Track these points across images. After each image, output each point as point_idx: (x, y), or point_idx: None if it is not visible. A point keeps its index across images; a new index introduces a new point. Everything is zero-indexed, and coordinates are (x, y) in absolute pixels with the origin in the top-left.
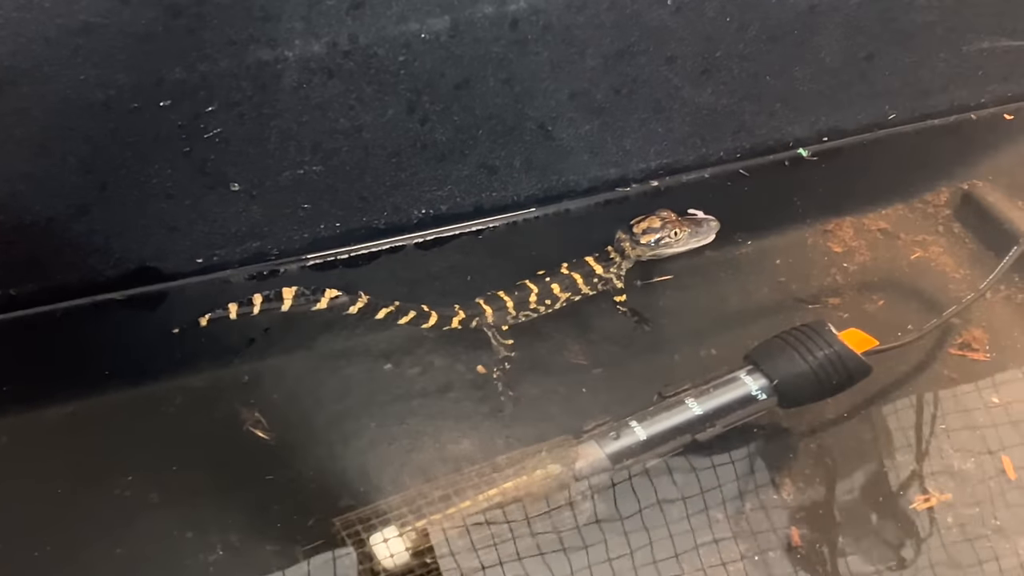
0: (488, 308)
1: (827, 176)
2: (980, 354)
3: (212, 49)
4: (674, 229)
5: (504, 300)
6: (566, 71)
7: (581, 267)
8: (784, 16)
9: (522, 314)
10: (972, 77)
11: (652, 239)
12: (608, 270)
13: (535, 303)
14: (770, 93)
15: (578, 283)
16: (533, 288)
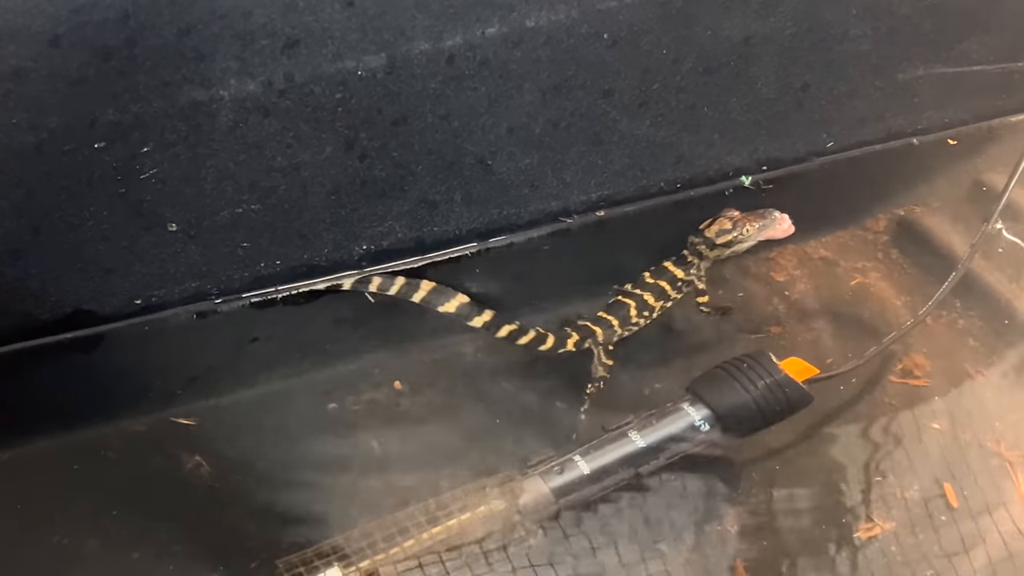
0: (597, 329)
1: (767, 205)
2: (921, 380)
3: (145, 90)
4: (745, 226)
5: (609, 320)
6: (504, 106)
7: (664, 274)
8: (719, 48)
9: (626, 329)
10: (908, 104)
11: (727, 239)
12: (689, 273)
13: (635, 316)
14: (708, 124)
15: (667, 291)
16: (630, 303)
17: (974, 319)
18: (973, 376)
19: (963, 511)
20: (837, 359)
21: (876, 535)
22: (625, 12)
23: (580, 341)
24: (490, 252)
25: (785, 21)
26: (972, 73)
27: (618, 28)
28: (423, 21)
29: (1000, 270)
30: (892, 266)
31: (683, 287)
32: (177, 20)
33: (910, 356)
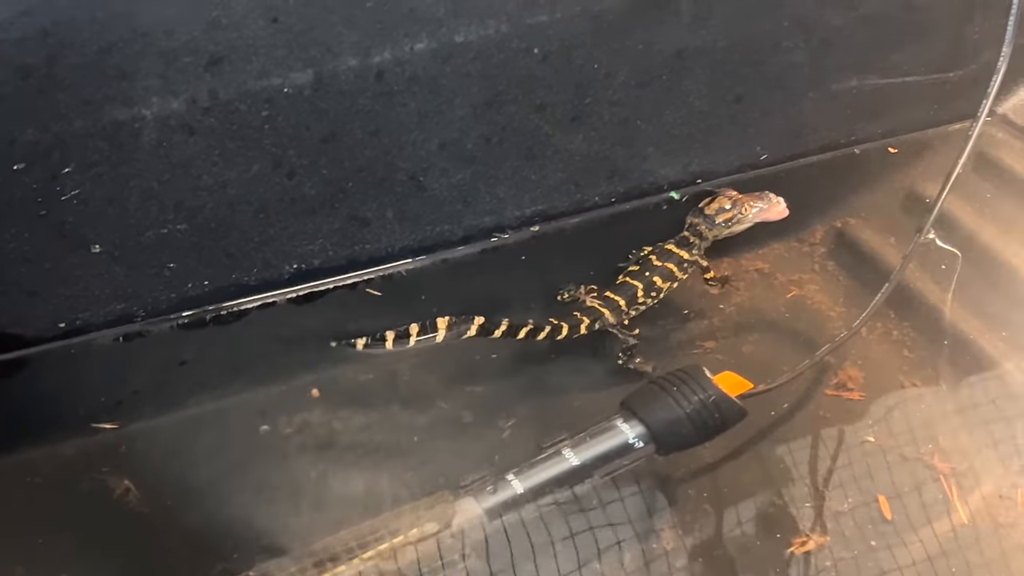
0: (605, 310)
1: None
2: (855, 393)
3: (66, 109)
4: (743, 206)
5: (617, 300)
6: (435, 121)
7: (670, 256)
8: (652, 62)
9: (633, 308)
10: (841, 115)
11: (727, 218)
12: (692, 253)
13: (643, 296)
14: (642, 137)
15: (674, 272)
16: (638, 284)
17: (908, 330)
18: (907, 387)
19: (898, 523)
20: (772, 372)
21: (811, 550)
22: (556, 26)
23: (592, 323)
24: (424, 269)
25: (717, 34)
26: (906, 84)
27: (549, 43)
28: (350, 37)
29: (934, 280)
30: (828, 278)
31: (688, 267)
32: (98, 38)
33: (845, 368)
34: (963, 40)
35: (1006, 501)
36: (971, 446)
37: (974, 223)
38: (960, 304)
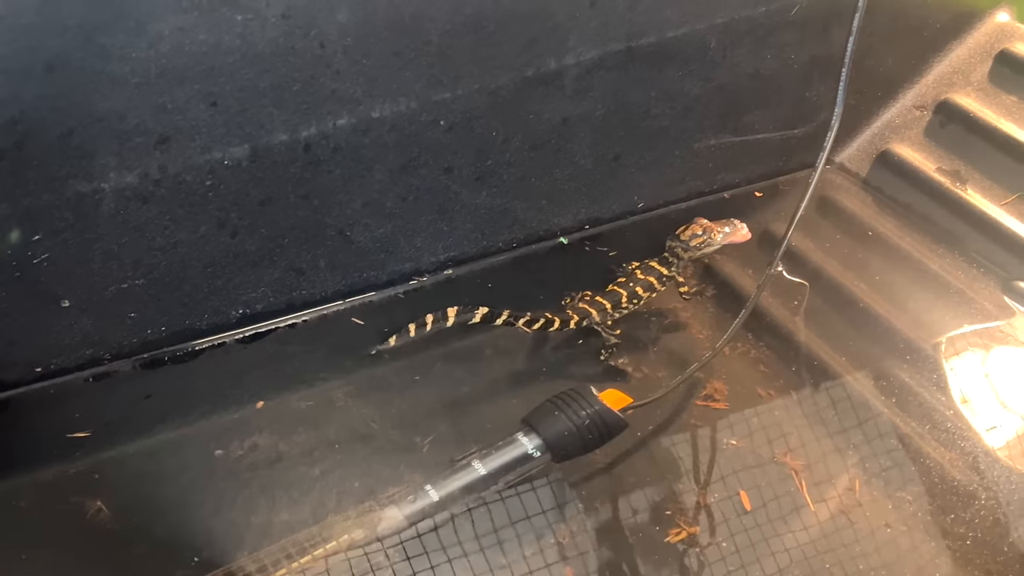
0: (593, 310)
1: (590, 257)
2: (720, 403)
3: (34, 185)
4: (712, 232)
5: (603, 303)
6: (357, 184)
7: (651, 271)
8: (542, 128)
9: (617, 311)
10: (704, 168)
11: (699, 242)
12: (671, 270)
13: (626, 303)
14: (536, 192)
15: (654, 284)
16: (623, 292)
17: (764, 349)
18: (763, 398)
19: (756, 513)
20: (652, 387)
21: (683, 538)
22: (458, 102)
23: (580, 320)
24: (354, 309)
25: (596, 104)
26: (757, 140)
27: (453, 115)
28: (280, 116)
29: (784, 306)
30: (698, 306)
31: (666, 281)
32: (60, 123)
33: (712, 382)
34: (803, 102)
35: (847, 492)
36: (817, 446)
37: (818, 257)
38: (808, 327)
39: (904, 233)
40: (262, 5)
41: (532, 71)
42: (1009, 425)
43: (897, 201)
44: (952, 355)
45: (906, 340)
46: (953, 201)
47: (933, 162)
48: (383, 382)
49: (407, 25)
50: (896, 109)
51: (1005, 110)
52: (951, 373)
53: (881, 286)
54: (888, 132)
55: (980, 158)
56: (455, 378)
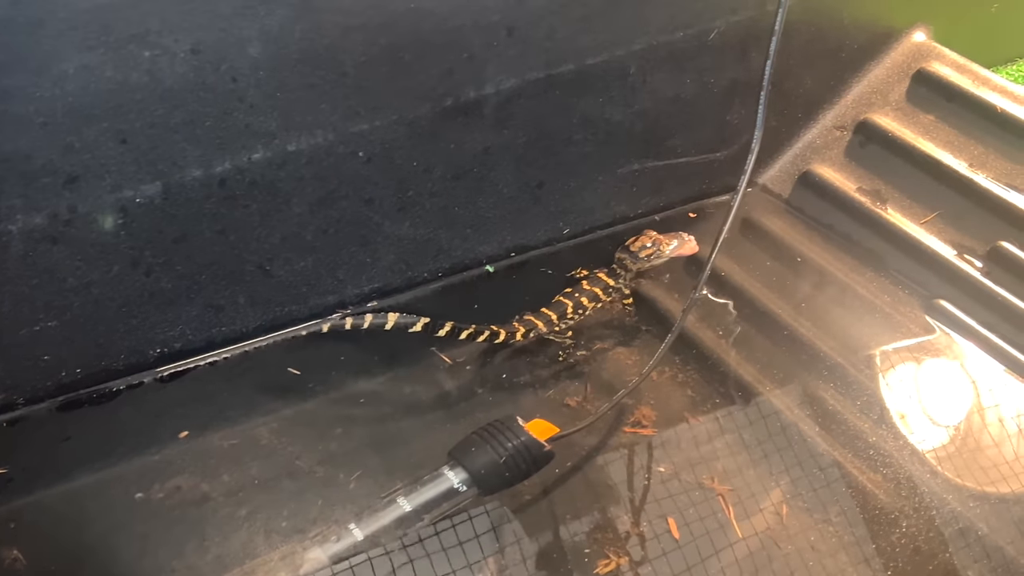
0: (539, 322)
1: (517, 285)
2: (649, 429)
3: None
4: (661, 244)
5: (549, 315)
6: (275, 218)
7: (598, 282)
8: (463, 158)
9: (563, 322)
10: (629, 193)
11: (648, 254)
12: (618, 282)
13: (571, 313)
14: (460, 221)
15: (599, 295)
16: (568, 303)
17: (691, 372)
18: (690, 422)
19: (684, 542)
20: (579, 416)
21: (612, 569)
22: (377, 133)
23: (527, 332)
24: (277, 344)
25: (518, 132)
26: (680, 164)
27: (372, 146)
28: (193, 152)
29: (711, 329)
30: (627, 331)
31: (612, 292)
32: None
33: (640, 408)
34: (725, 125)
35: (774, 517)
36: (744, 471)
37: (744, 280)
38: (734, 350)
39: (827, 254)
40: (170, 41)
41: (451, 101)
42: (935, 445)
43: (819, 222)
44: (876, 376)
45: (831, 362)
46: (874, 221)
47: (854, 182)
48: (310, 417)
49: (321, 57)
50: (816, 130)
51: (923, 129)
52: (876, 394)
53: (806, 308)
54: (809, 153)
55: (900, 177)
56: (384, 410)
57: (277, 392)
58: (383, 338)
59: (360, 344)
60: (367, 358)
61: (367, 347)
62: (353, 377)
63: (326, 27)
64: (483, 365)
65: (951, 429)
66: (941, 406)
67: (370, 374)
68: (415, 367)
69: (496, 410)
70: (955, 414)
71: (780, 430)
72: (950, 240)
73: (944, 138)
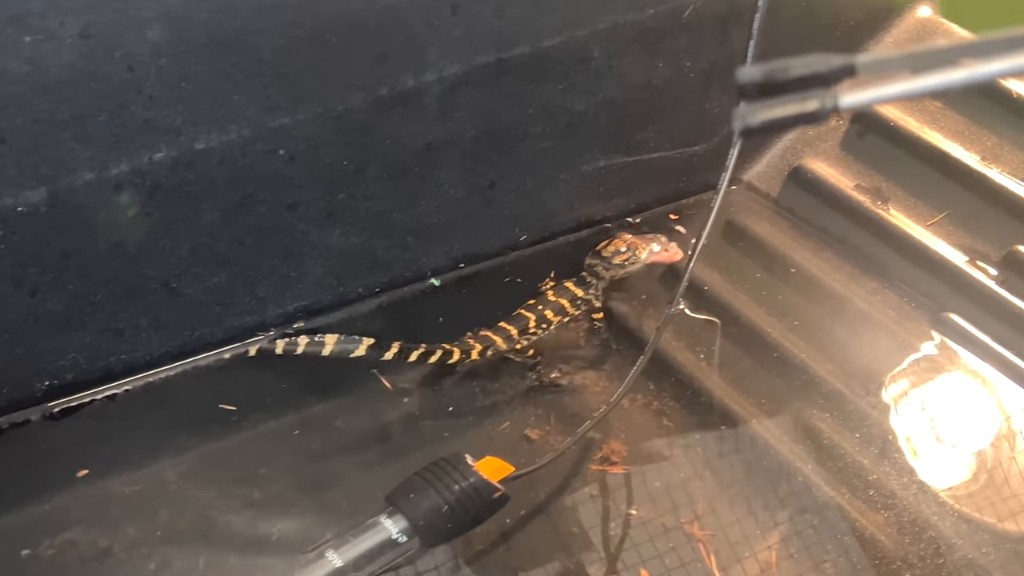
0: (497, 338)
1: (467, 300)
2: (619, 467)
3: None
4: (636, 249)
5: (509, 330)
6: (183, 228)
7: (565, 293)
8: (402, 155)
9: (524, 338)
10: (595, 193)
11: (622, 259)
12: (588, 292)
13: (534, 328)
14: (400, 228)
15: (566, 307)
16: (530, 316)
17: (667, 399)
18: (667, 457)
19: None
20: (538, 452)
21: None
22: (300, 128)
23: (484, 350)
24: (187, 373)
25: (464, 125)
26: (653, 160)
27: (294, 143)
28: (84, 152)
29: (690, 349)
30: (596, 352)
31: (581, 304)
32: None
33: (609, 443)
34: (703, 115)
35: (761, 565)
36: (727, 512)
37: (728, 292)
38: (716, 373)
39: (821, 261)
40: (56, 24)
41: (386, 90)
42: (945, 481)
43: (812, 224)
44: (878, 403)
45: (827, 387)
46: (874, 223)
47: (851, 179)
48: (227, 457)
49: (233, 41)
50: None
51: (929, 117)
52: (878, 424)
53: (799, 324)
54: (800, 146)
55: (903, 173)
56: (314, 447)
57: (189, 428)
58: (315, 362)
59: (286, 370)
60: (295, 386)
61: (295, 373)
62: (278, 409)
63: (238, 6)
64: (431, 391)
65: (963, 462)
66: (952, 435)
67: (298, 405)
68: (351, 395)
69: (443, 445)
70: (968, 444)
71: (769, 466)
72: (960, 244)
73: (953, 127)
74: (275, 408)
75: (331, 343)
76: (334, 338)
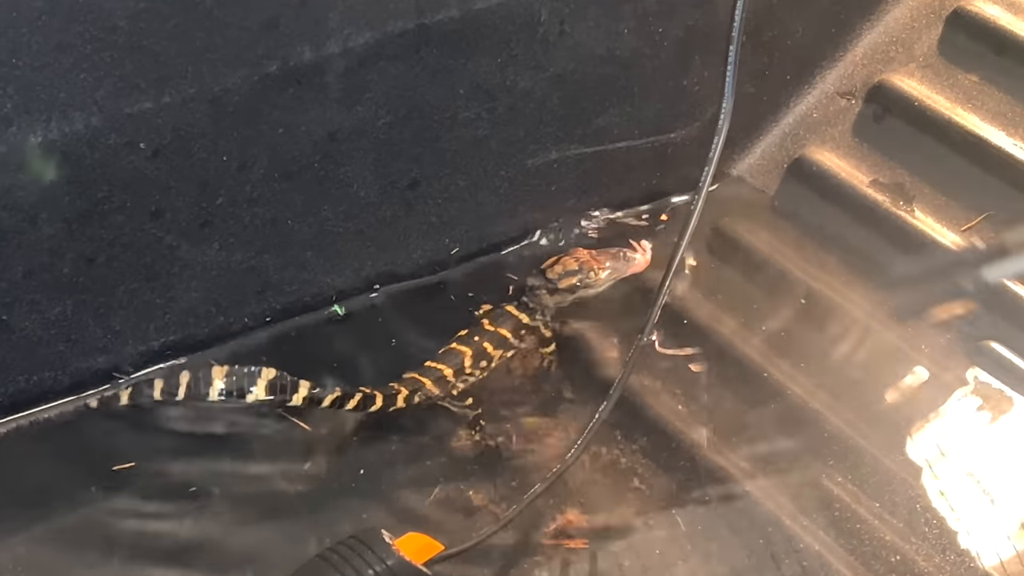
0: (426, 380)
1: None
2: (578, 541)
3: None
4: (592, 269)
5: (441, 370)
6: (14, 244)
7: (506, 320)
8: (297, 149)
9: (461, 379)
10: (545, 193)
11: (572, 283)
12: (534, 318)
13: (471, 366)
14: (296, 240)
15: (508, 338)
16: (465, 351)
17: (638, 456)
18: (640, 531)
19: None
20: (476, 525)
21: None
22: (165, 115)
23: (410, 395)
24: (22, 429)
25: (377, 109)
26: (618, 151)
27: (158, 135)
28: None
29: (667, 391)
30: (548, 395)
31: (527, 334)
32: None
33: (565, 512)
34: (680, 94)
35: None
36: None
37: (713, 318)
38: (697, 416)
39: (831, 277)
40: None
41: (276, 66)
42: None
43: (819, 230)
44: (906, 459)
45: (841, 440)
46: (895, 227)
47: (866, 172)
48: (75, 536)
49: (77, 5)
50: (812, 98)
51: (963, 95)
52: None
53: (804, 360)
54: (803, 131)
55: (931, 164)
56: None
57: (25, 499)
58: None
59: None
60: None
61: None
62: (148, 471)
63: None
64: (343, 447)
65: (1013, 535)
66: (999, 500)
67: (175, 465)
68: (246, 452)
69: (357, 517)
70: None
71: (770, 541)
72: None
73: (992, 107)
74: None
75: (218, 380)
76: (222, 371)
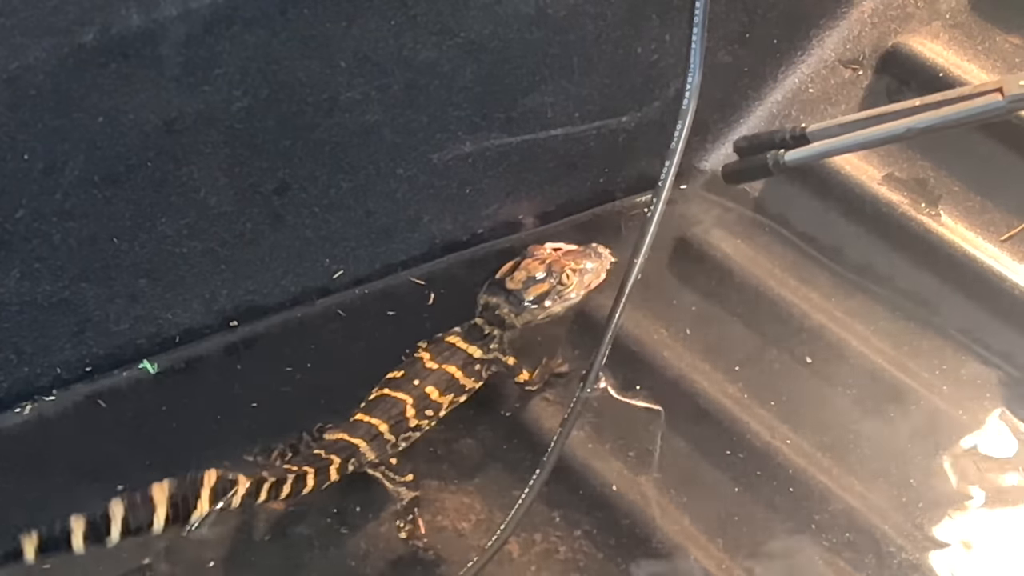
0: (359, 441)
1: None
2: None
3: None
4: (564, 270)
5: (375, 425)
6: None
7: (452, 355)
8: (125, 144)
9: (401, 435)
10: (458, 198)
11: (540, 292)
12: (489, 349)
13: (414, 417)
14: (125, 265)
15: (459, 378)
16: (405, 399)
17: (581, 540)
18: None
19: None
20: None
21: None
22: None
23: (343, 464)
24: None
25: (230, 90)
26: (553, 140)
27: None
28: None
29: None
30: (464, 463)
31: (483, 371)
32: None
33: None
34: (634, 65)
35: None
36: None
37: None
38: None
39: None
40: None
41: (93, 34)
42: None
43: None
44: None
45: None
46: (916, 236)
47: (878, 166)
48: None
49: None
50: (807, 68)
51: (1003, 62)
52: None
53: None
54: (794, 111)
55: (962, 155)
56: None
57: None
58: None
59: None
60: None
61: None
62: None
63: None
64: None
65: None
66: None
67: None
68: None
69: None
70: None
71: None
72: None
73: None
74: None
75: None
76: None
